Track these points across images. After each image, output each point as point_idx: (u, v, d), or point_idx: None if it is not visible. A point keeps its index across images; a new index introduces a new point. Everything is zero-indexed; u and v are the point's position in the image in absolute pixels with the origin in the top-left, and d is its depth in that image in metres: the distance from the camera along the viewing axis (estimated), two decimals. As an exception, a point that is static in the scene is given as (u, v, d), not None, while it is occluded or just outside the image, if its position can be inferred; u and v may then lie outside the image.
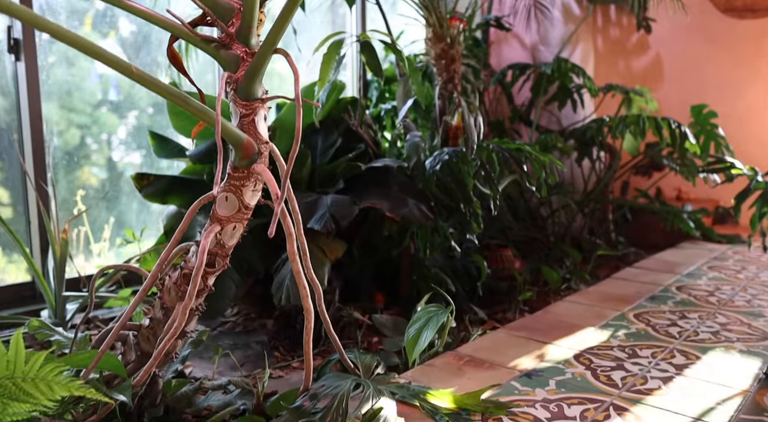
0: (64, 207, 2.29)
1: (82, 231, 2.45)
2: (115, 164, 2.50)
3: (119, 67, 0.91)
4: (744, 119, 3.64)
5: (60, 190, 2.24)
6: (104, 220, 2.47)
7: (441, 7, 2.57)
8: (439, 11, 2.56)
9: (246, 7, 1.09)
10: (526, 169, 2.01)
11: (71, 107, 2.32)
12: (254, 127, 1.11)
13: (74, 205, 2.34)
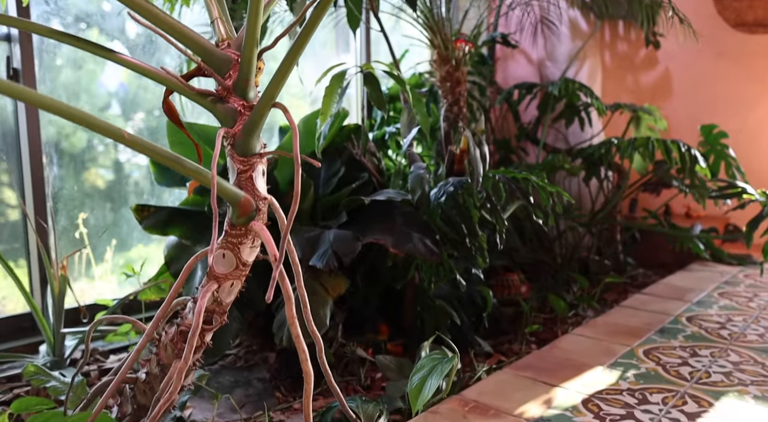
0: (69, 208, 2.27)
1: (84, 253, 2.43)
2: (122, 165, 2.49)
3: (111, 134, 0.88)
4: (755, 135, 3.58)
5: (64, 195, 2.22)
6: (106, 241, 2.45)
7: (446, 29, 2.53)
8: (444, 33, 2.53)
9: (243, 59, 1.06)
10: (533, 200, 1.97)
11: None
12: (252, 183, 1.08)
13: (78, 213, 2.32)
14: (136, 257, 2.59)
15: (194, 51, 1.08)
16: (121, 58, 1.02)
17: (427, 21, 2.49)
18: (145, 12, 1.01)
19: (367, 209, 1.89)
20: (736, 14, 3.57)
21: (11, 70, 1.96)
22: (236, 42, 1.12)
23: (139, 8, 1.01)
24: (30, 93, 0.84)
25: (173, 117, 1.12)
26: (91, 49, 1.02)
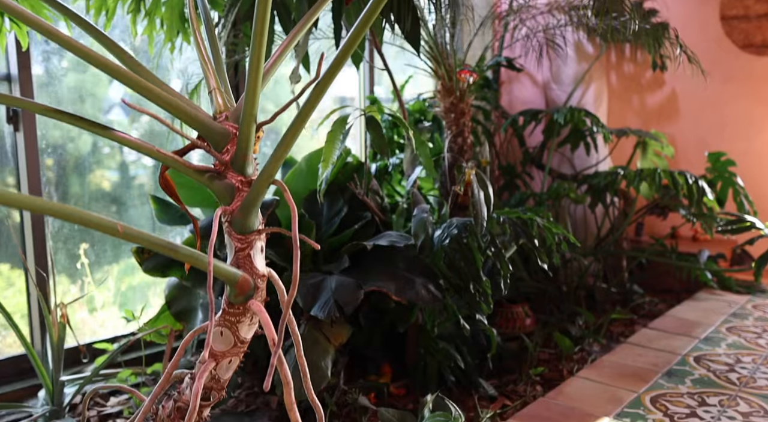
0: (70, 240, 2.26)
1: (86, 282, 2.42)
2: (127, 167, 2.49)
3: (106, 228, 0.86)
4: (762, 157, 3.54)
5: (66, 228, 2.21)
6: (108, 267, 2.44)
7: (450, 60, 2.51)
8: (448, 64, 2.50)
9: (242, 135, 1.04)
10: (537, 243, 1.94)
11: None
12: (250, 261, 1.05)
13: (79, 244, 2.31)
14: (139, 282, 2.58)
15: (191, 125, 1.05)
16: (118, 136, 1.00)
17: (431, 51, 2.47)
18: (139, 87, 0.99)
19: (370, 252, 1.86)
20: (744, 36, 3.53)
21: (11, 112, 1.95)
22: (234, 113, 1.10)
23: (131, 83, 0.99)
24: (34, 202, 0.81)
25: (170, 191, 1.10)
26: (88, 127, 1.00)
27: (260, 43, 1.00)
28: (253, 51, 1.01)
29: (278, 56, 1.20)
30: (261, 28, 0.99)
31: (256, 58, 1.01)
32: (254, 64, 1.02)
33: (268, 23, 1.01)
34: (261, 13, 0.98)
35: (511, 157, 3.40)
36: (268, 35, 1.99)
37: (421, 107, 3.08)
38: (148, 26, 1.91)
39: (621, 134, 3.06)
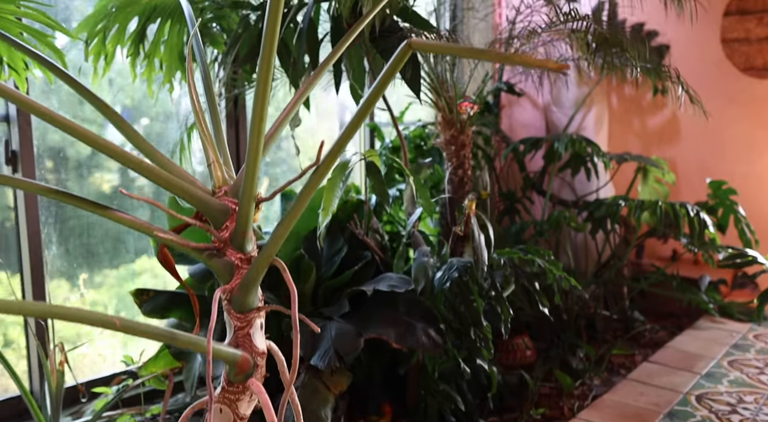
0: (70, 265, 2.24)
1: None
2: (127, 169, 2.46)
3: (104, 323, 0.85)
4: (764, 180, 3.53)
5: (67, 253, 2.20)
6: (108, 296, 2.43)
7: (450, 92, 2.50)
8: (448, 96, 2.49)
9: (241, 212, 1.03)
10: (538, 286, 1.93)
11: (83, 117, 2.29)
12: (250, 339, 1.04)
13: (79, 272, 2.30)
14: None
15: (190, 203, 1.05)
16: (117, 216, 0.99)
17: (431, 83, 2.46)
18: (132, 163, 0.99)
19: (370, 298, 1.85)
20: (744, 59, 3.52)
21: (10, 153, 1.94)
22: (233, 188, 1.09)
23: (125, 160, 0.98)
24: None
25: (168, 266, 1.09)
26: (89, 208, 0.99)
27: (260, 120, 0.99)
28: (253, 129, 1.00)
29: (279, 125, 1.20)
30: (261, 109, 0.98)
31: (255, 137, 1.00)
32: (254, 143, 1.01)
33: (268, 101, 1.00)
34: (260, 95, 0.97)
35: (512, 181, 3.39)
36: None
37: (421, 133, 3.07)
38: (147, 68, 1.90)
39: (621, 160, 3.05)
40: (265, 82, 0.96)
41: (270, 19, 0.92)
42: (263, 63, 0.96)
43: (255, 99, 0.97)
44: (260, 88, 0.96)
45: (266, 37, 0.94)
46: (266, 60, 0.96)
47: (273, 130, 1.19)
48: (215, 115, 1.23)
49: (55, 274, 2.23)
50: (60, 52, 1.64)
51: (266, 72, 0.97)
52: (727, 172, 3.56)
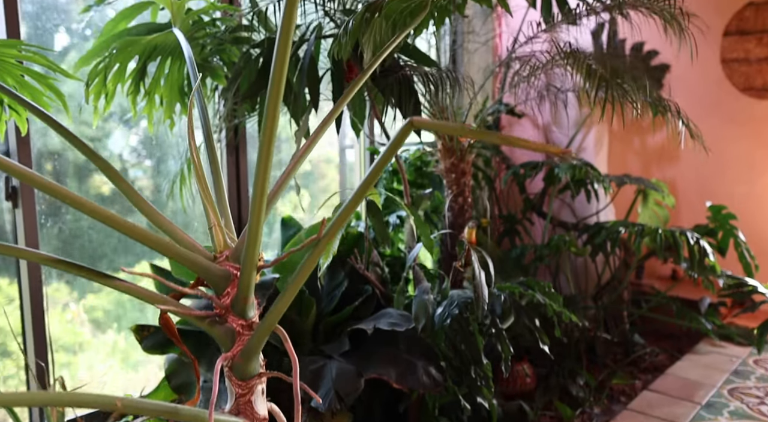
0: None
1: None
2: (126, 171, 2.47)
3: (104, 404, 0.85)
4: (764, 199, 3.53)
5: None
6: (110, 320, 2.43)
7: (451, 119, 2.49)
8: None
9: (243, 278, 1.03)
10: (538, 323, 1.93)
11: (82, 120, 2.28)
12: (251, 407, 1.04)
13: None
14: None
15: (191, 269, 1.04)
16: (122, 286, 0.99)
17: (431, 110, 2.46)
18: (134, 233, 0.99)
19: (371, 336, 1.85)
20: (744, 79, 3.53)
21: (10, 189, 1.94)
22: (235, 252, 1.09)
23: (127, 231, 0.98)
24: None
25: (170, 331, 1.09)
26: (94, 277, 0.99)
27: (263, 182, 0.99)
28: (255, 193, 1.00)
29: (282, 182, 1.20)
30: (264, 171, 0.98)
31: (258, 202, 1.00)
32: (257, 207, 1.01)
33: (270, 168, 1.00)
34: (264, 159, 0.97)
35: (512, 202, 3.39)
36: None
37: (422, 155, 3.07)
38: (147, 105, 1.90)
39: (621, 183, 3.05)
40: (268, 146, 0.96)
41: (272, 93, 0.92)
42: (265, 132, 0.96)
43: (258, 163, 0.96)
44: (264, 152, 0.96)
45: (266, 117, 0.94)
46: (268, 130, 0.96)
47: (277, 188, 1.19)
48: (216, 168, 1.23)
49: (54, 277, 2.21)
50: (61, 94, 1.64)
51: (269, 139, 0.96)
52: (727, 192, 3.57)
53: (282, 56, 0.89)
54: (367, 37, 1.53)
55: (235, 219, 2.46)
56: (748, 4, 3.46)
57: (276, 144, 2.65)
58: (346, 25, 1.51)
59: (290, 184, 1.43)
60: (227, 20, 2.00)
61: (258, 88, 1.89)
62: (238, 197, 2.45)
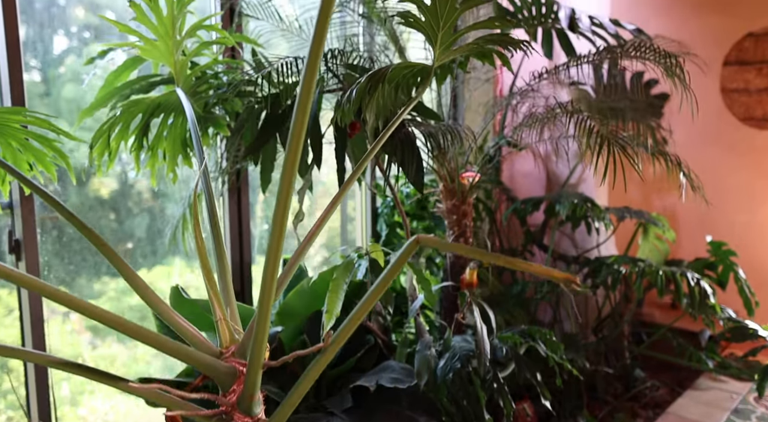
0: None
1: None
2: (126, 175, 2.47)
3: None
4: (765, 229, 3.54)
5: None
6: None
7: (452, 163, 2.50)
8: (450, 166, 2.50)
9: (249, 374, 1.03)
10: (539, 378, 1.94)
11: (81, 124, 2.27)
12: None
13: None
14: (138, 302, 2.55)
15: (197, 368, 1.05)
16: (128, 387, 1.00)
17: (432, 152, 2.47)
18: (141, 336, 0.99)
19: (373, 392, 1.86)
20: (744, 109, 3.54)
21: (13, 242, 1.94)
22: (241, 348, 1.09)
23: (132, 333, 0.99)
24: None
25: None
26: (99, 379, 0.99)
27: (271, 280, 0.99)
28: (263, 294, 1.01)
29: (291, 267, 1.20)
30: (272, 275, 0.99)
31: (266, 302, 1.01)
32: (264, 304, 1.01)
33: (281, 253, 1.00)
34: (271, 269, 0.98)
35: (512, 234, 3.39)
36: (269, 160, 1.99)
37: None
38: (150, 160, 1.91)
39: (621, 217, 3.05)
40: (279, 232, 0.96)
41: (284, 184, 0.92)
42: (277, 218, 0.96)
43: (268, 252, 0.97)
44: (272, 252, 0.97)
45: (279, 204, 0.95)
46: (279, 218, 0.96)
47: (284, 275, 1.20)
48: (221, 251, 1.24)
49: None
50: (64, 156, 1.65)
51: (280, 228, 0.97)
52: (728, 221, 3.58)
53: (298, 133, 0.89)
54: (371, 104, 1.54)
55: (237, 263, 2.47)
56: (748, 35, 3.48)
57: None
58: (349, 94, 1.51)
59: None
60: (230, 73, 2.01)
61: (261, 144, 1.90)
62: (240, 239, 2.46)
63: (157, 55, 1.72)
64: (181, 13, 1.71)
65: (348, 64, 1.92)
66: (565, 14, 2.69)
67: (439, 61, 1.50)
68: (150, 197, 2.52)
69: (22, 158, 1.67)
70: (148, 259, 2.51)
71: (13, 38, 1.88)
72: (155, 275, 2.55)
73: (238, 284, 2.48)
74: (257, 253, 2.61)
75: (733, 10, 3.49)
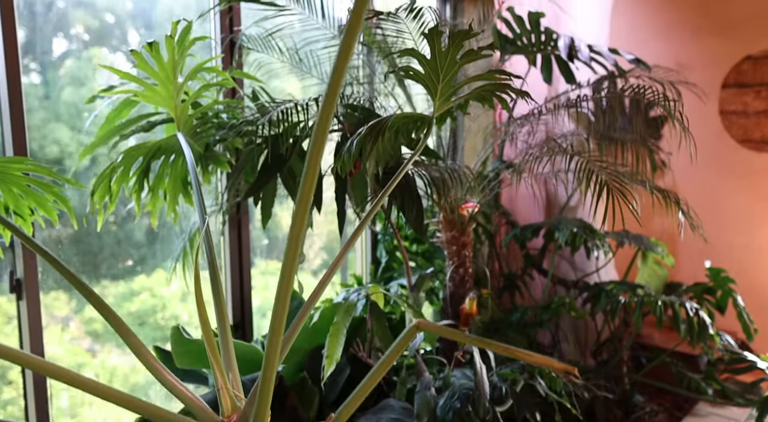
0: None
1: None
2: None
3: None
4: (763, 251, 3.55)
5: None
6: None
7: (451, 195, 2.51)
8: (449, 197, 2.51)
9: (250, 446, 1.04)
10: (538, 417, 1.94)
11: (80, 128, 2.29)
12: None
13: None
14: (138, 308, 2.55)
15: (199, 439, 1.06)
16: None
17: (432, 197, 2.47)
18: (152, 413, 1.00)
19: (374, 432, 1.87)
20: (742, 131, 3.55)
21: (14, 281, 1.95)
22: (243, 416, 1.10)
23: (128, 404, 1.00)
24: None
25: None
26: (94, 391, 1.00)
27: (275, 348, 1.00)
28: (267, 362, 1.01)
29: (298, 324, 1.21)
30: (275, 348, 0.99)
31: (269, 370, 1.02)
32: (268, 374, 1.02)
33: (280, 340, 1.01)
34: (274, 344, 0.98)
35: (512, 258, 3.40)
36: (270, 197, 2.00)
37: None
38: (151, 201, 1.91)
39: (621, 242, 3.06)
40: (285, 294, 0.97)
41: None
42: (281, 292, 0.97)
43: (274, 318, 0.97)
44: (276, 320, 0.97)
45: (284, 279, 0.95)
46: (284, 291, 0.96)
47: (290, 334, 1.21)
48: (220, 300, 1.25)
49: (52, 286, 2.21)
50: (65, 201, 1.65)
51: (285, 293, 0.97)
52: (727, 244, 3.59)
53: (308, 190, 0.89)
54: (371, 153, 1.54)
55: (237, 293, 2.47)
56: (746, 57, 3.49)
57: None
58: (350, 145, 1.52)
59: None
60: (231, 111, 2.02)
61: (262, 185, 1.90)
62: (240, 271, 2.47)
63: (158, 100, 1.73)
64: (182, 57, 1.72)
65: (348, 105, 1.93)
66: (564, 44, 2.70)
67: (438, 112, 1.51)
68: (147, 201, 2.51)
69: (24, 203, 1.68)
70: (148, 263, 2.51)
71: (11, 43, 1.85)
72: (155, 281, 2.55)
73: (239, 316, 2.49)
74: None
75: (731, 34, 3.51)
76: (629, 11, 3.70)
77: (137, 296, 2.55)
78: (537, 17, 2.70)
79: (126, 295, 2.52)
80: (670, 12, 3.65)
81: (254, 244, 2.67)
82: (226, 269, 2.47)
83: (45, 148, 2.14)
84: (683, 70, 3.62)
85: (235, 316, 2.49)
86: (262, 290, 2.77)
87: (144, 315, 2.60)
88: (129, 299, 2.54)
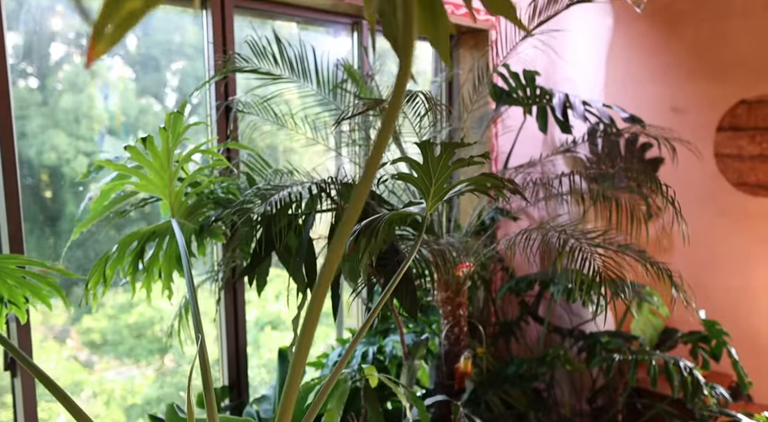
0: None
1: None
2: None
3: None
4: (759, 293, 3.56)
5: None
6: None
7: (446, 254, 2.52)
8: (445, 260, 2.51)
9: None
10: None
11: (78, 135, 2.29)
12: None
13: None
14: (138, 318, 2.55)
15: None
16: None
17: (429, 246, 2.48)
18: None
19: None
20: (738, 175, 3.56)
21: (9, 359, 1.95)
22: None
23: None
24: None
25: None
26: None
27: None
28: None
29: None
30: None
31: None
32: None
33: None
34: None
35: (507, 305, 3.41)
36: (263, 275, 2.00)
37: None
38: (146, 280, 1.92)
39: (616, 294, 3.07)
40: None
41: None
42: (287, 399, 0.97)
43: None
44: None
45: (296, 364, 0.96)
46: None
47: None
48: (207, 379, 1.25)
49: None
50: (60, 290, 1.66)
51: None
52: (723, 285, 3.59)
53: (323, 290, 0.89)
54: (365, 250, 1.55)
55: (233, 353, 2.48)
56: (741, 102, 3.50)
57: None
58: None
59: None
60: (225, 188, 2.02)
61: (256, 264, 1.91)
62: (236, 333, 2.47)
63: (152, 189, 1.74)
64: (176, 144, 1.72)
65: (343, 183, 1.93)
66: (558, 100, 2.71)
67: (430, 210, 1.52)
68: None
69: (19, 292, 1.69)
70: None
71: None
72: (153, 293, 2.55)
73: (234, 376, 2.49)
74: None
75: (726, 77, 3.52)
76: (625, 55, 3.71)
77: (134, 308, 2.57)
78: (532, 75, 2.71)
79: (125, 306, 2.53)
80: (666, 55, 3.67)
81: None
82: (222, 331, 2.48)
83: (42, 154, 2.13)
84: (678, 114, 3.64)
85: (231, 375, 2.50)
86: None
87: (142, 327, 2.62)
88: (128, 310, 2.55)
